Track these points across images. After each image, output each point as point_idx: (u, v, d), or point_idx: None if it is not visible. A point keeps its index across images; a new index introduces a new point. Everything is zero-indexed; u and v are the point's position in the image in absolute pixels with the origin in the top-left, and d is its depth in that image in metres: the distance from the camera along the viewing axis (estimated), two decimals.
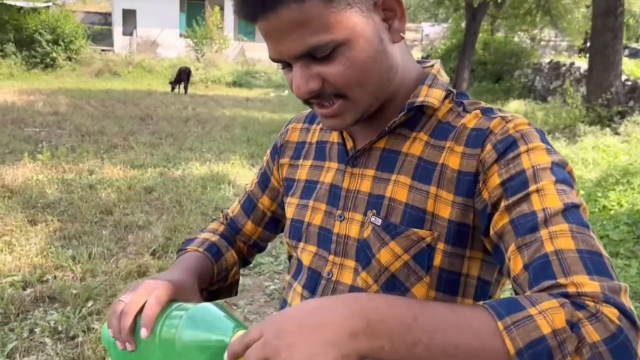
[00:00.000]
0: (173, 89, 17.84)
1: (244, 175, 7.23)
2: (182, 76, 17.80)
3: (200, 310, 0.83)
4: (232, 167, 7.48)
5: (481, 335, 0.66)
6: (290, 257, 1.09)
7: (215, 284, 1.15)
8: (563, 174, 0.82)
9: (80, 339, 3.14)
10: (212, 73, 22.78)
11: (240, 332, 0.76)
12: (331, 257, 0.97)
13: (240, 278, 1.19)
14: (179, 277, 0.96)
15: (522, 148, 0.84)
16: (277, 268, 4.47)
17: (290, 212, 1.07)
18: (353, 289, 0.93)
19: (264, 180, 1.20)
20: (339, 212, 0.97)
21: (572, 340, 0.65)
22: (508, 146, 0.84)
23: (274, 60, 0.87)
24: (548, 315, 0.67)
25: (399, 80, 0.92)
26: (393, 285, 0.90)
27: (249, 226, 1.23)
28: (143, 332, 0.84)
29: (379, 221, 0.91)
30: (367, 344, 0.66)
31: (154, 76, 22.47)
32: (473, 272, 0.89)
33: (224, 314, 0.82)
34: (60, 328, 3.25)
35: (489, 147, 0.86)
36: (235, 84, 22.46)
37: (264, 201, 1.20)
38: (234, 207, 1.26)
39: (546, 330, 0.66)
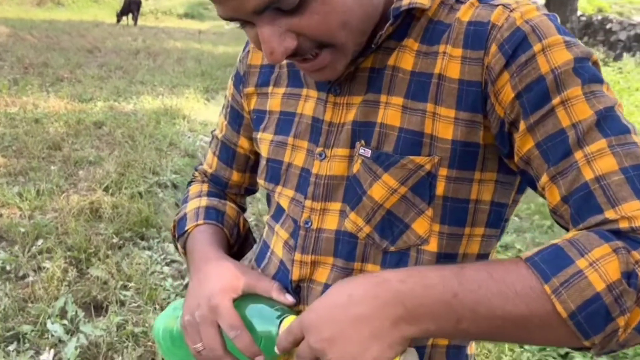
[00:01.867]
0: (119, 20, 17.01)
1: (199, 110, 7.00)
2: (132, 7, 16.98)
3: (243, 301, 0.81)
4: (187, 102, 7.22)
5: (528, 302, 0.60)
6: (267, 194, 0.97)
7: (235, 245, 1.04)
8: (589, 71, 0.68)
9: (30, 278, 3.00)
10: (163, 4, 21.81)
11: (287, 321, 0.75)
12: (308, 203, 0.83)
13: None
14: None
15: (536, 46, 0.69)
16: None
17: (264, 149, 0.92)
18: (339, 235, 0.81)
19: (235, 119, 1.03)
20: (319, 149, 0.82)
21: (629, 293, 0.58)
22: (517, 45, 0.69)
23: (226, 19, 0.70)
24: (600, 267, 0.59)
25: None
26: (389, 223, 0.79)
27: (235, 177, 1.07)
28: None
29: (368, 152, 0.78)
30: (410, 329, 0.63)
31: (100, 6, 21.39)
32: (485, 197, 0.77)
33: (266, 302, 0.82)
34: (8, 268, 3.10)
35: (494, 48, 0.70)
36: (187, 15, 21.60)
37: (243, 144, 1.03)
38: (209, 162, 1.09)
39: (600, 286, 0.59)
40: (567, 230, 0.69)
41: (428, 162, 0.75)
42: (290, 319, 0.76)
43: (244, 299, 0.82)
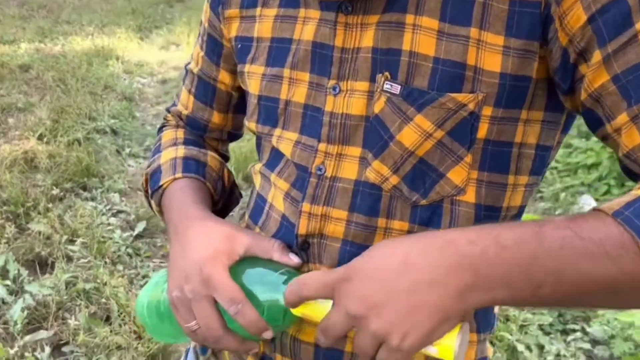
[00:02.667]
0: None
1: (132, 50, 6.62)
2: None
3: (239, 267, 0.70)
4: (119, 42, 6.80)
5: (620, 262, 0.53)
6: (258, 139, 0.83)
7: (219, 202, 0.90)
8: None
9: None
10: None
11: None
12: (322, 146, 0.70)
13: (144, 161, 0.93)
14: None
15: None
16: None
17: (254, 86, 0.77)
18: (359, 185, 0.69)
19: (213, 49, 0.87)
20: (332, 82, 0.69)
21: None
22: None
23: None
24: None
25: None
26: (421, 173, 0.67)
27: (216, 119, 0.92)
28: (268, 334, 0.68)
29: (396, 88, 0.65)
30: (479, 298, 0.55)
31: None
32: (530, 140, 0.66)
33: (266, 265, 0.70)
34: None
35: None
36: None
37: (224, 78, 0.88)
38: (184, 101, 0.93)
39: None
40: (638, 178, 0.61)
41: (471, 100, 0.63)
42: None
43: (240, 265, 0.70)
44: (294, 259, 0.71)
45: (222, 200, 0.90)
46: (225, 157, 0.97)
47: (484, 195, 0.67)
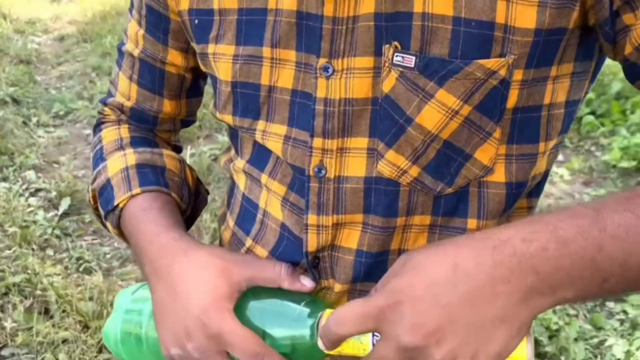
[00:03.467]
0: None
1: (21, 6, 6.03)
2: None
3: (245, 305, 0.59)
4: None
5: None
6: (233, 131, 0.69)
7: (188, 209, 0.75)
8: None
9: None
10: None
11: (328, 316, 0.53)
12: (317, 142, 0.58)
13: (55, 130, 0.76)
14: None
15: None
16: (93, 112, 3.85)
17: (224, 70, 0.63)
18: (371, 182, 0.58)
19: (157, 25, 0.70)
20: (322, 60, 0.56)
21: None
22: None
23: None
24: None
25: None
26: (446, 159, 0.56)
27: (167, 107, 0.76)
28: None
29: (410, 60, 0.53)
30: (543, 301, 0.48)
31: None
32: (559, 98, 0.57)
33: (277, 296, 0.59)
34: None
35: None
36: None
37: (174, 59, 0.72)
38: (124, 91, 0.76)
39: None
40: None
41: (502, 65, 0.52)
42: (329, 313, 0.54)
43: (244, 301, 0.58)
44: (307, 285, 0.59)
45: (190, 206, 0.76)
46: (178, 149, 0.82)
47: (515, 171, 0.58)
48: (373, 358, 0.50)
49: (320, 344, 0.53)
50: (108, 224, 0.72)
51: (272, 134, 0.61)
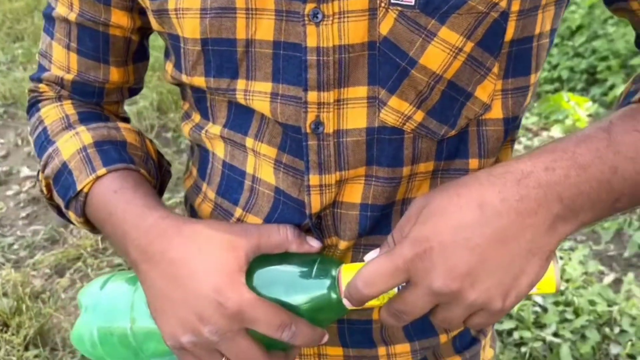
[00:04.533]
0: None
1: None
2: None
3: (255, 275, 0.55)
4: None
5: None
6: (200, 96, 0.63)
7: (157, 183, 0.69)
8: None
9: None
10: None
11: (347, 272, 0.52)
12: (312, 96, 0.54)
13: None
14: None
15: None
16: None
17: (191, 28, 0.56)
18: (373, 133, 0.55)
19: None
20: (309, 6, 0.51)
21: None
22: None
23: None
24: None
25: None
26: (450, 100, 0.54)
27: (114, 75, 0.69)
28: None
29: None
30: (567, 227, 0.48)
31: None
32: (546, 27, 0.55)
33: (285, 261, 0.56)
34: None
35: None
36: None
37: (119, 20, 0.65)
38: (62, 61, 0.68)
39: None
40: None
41: None
42: (348, 268, 0.52)
43: (252, 273, 0.55)
44: (315, 245, 0.57)
45: (158, 181, 0.70)
46: (127, 121, 0.75)
47: (510, 106, 0.57)
48: (400, 303, 0.49)
49: (345, 302, 0.52)
50: (70, 214, 0.65)
51: (256, 92, 0.56)
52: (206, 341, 0.53)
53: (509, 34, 0.53)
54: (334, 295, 0.53)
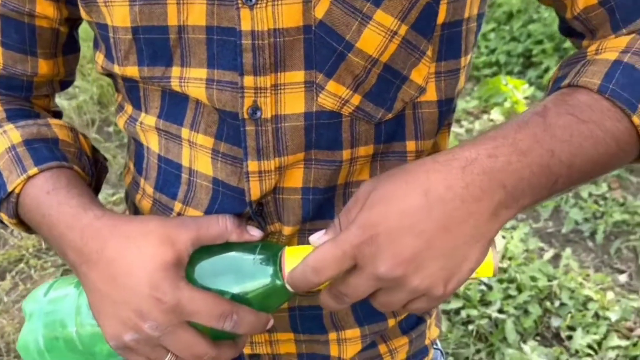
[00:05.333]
0: None
1: None
2: None
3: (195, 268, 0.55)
4: None
5: (617, 137, 0.52)
6: (132, 86, 0.62)
7: (92, 179, 0.67)
8: None
9: None
10: None
11: (291, 256, 0.52)
12: (248, 80, 0.54)
13: None
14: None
15: None
16: None
17: (120, 16, 0.55)
18: (311, 118, 0.55)
19: None
20: None
21: None
22: None
23: None
24: None
25: None
26: (386, 83, 0.55)
27: (43, 68, 0.67)
28: None
29: None
30: (508, 212, 0.49)
31: None
32: (473, 11, 0.57)
33: (223, 251, 0.56)
34: None
35: None
36: None
37: (45, 10, 0.63)
38: None
39: None
40: (580, 40, 0.61)
41: None
42: (291, 252, 0.53)
43: (193, 265, 0.55)
44: (255, 234, 0.57)
45: (93, 178, 0.69)
46: (59, 116, 0.73)
47: (444, 88, 0.59)
48: (343, 286, 0.50)
49: (289, 286, 0.52)
50: (2, 215, 0.63)
51: (192, 79, 0.56)
52: (148, 337, 0.53)
53: (441, 17, 0.54)
54: (278, 282, 0.53)
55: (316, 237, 0.52)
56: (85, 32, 0.70)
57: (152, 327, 0.52)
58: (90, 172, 0.67)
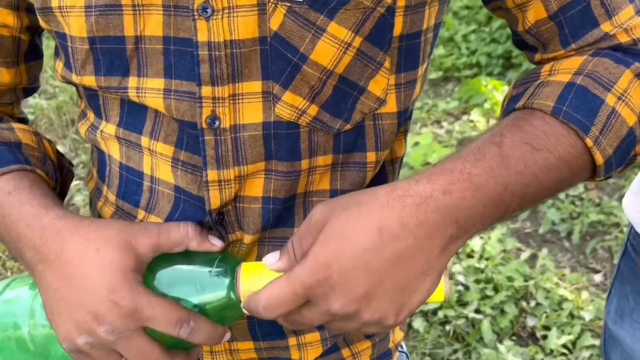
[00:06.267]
0: None
1: None
2: None
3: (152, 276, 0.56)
4: None
5: (571, 162, 0.53)
6: (92, 95, 0.62)
7: (57, 184, 0.67)
8: None
9: None
10: None
11: (247, 271, 0.54)
12: (206, 90, 0.54)
13: None
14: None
15: None
16: None
17: (77, 26, 0.56)
18: (269, 128, 0.56)
19: None
20: (198, 0, 0.52)
21: None
22: None
23: None
24: (629, 100, 0.55)
25: None
26: (342, 94, 0.56)
27: (5, 77, 0.66)
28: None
29: None
30: (458, 244, 0.51)
31: None
32: (431, 22, 0.59)
33: (182, 260, 0.57)
34: None
35: None
36: None
37: (4, 19, 0.63)
38: None
39: (632, 120, 0.55)
40: (533, 53, 0.62)
41: None
42: (247, 268, 0.54)
43: (151, 272, 0.55)
44: (216, 244, 0.57)
45: (58, 183, 0.69)
46: (25, 122, 0.73)
47: (403, 99, 0.60)
48: (299, 317, 0.51)
49: (243, 305, 0.53)
50: None
51: (149, 89, 0.57)
52: (102, 341, 0.53)
53: (397, 29, 0.55)
54: (232, 296, 0.54)
55: (270, 261, 0.52)
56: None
57: (108, 330, 0.52)
58: (54, 177, 0.67)
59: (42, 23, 0.60)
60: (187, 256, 0.56)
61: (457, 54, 3.43)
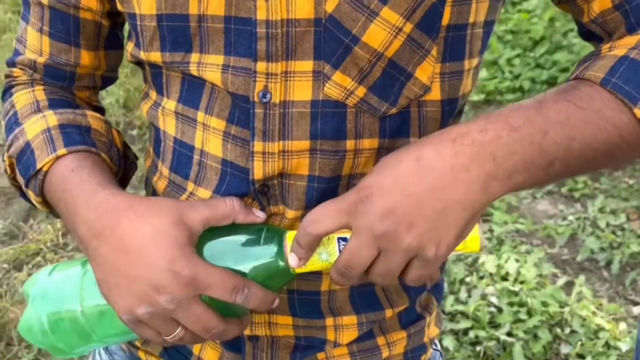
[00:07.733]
0: None
1: None
2: None
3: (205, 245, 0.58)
4: None
5: (619, 128, 0.53)
6: (157, 72, 0.65)
7: (118, 173, 0.71)
8: None
9: None
10: None
11: (291, 237, 0.56)
12: (261, 66, 0.57)
13: None
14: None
15: None
16: None
17: (147, 4, 0.59)
18: (317, 106, 0.58)
19: None
20: None
21: None
22: None
23: None
24: None
25: None
26: (391, 77, 0.57)
27: (85, 59, 0.71)
28: None
29: None
30: (500, 186, 0.51)
31: None
32: (480, 17, 0.59)
33: (231, 232, 0.59)
34: None
35: None
36: None
37: (89, 3, 0.67)
38: (35, 45, 0.70)
39: None
40: (600, 44, 0.62)
41: None
42: (294, 235, 0.56)
43: (202, 245, 0.58)
44: (260, 215, 0.60)
45: (120, 170, 0.72)
46: (100, 111, 0.77)
47: (447, 88, 0.61)
48: (346, 254, 0.53)
49: (291, 260, 0.55)
50: (29, 192, 0.66)
51: (209, 64, 0.59)
52: (163, 311, 0.55)
53: (446, 18, 0.56)
54: (280, 262, 0.56)
55: None
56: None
57: (168, 300, 0.54)
58: (118, 163, 0.70)
59: (118, 5, 0.63)
60: (234, 229, 0.59)
61: (501, 78, 3.41)
